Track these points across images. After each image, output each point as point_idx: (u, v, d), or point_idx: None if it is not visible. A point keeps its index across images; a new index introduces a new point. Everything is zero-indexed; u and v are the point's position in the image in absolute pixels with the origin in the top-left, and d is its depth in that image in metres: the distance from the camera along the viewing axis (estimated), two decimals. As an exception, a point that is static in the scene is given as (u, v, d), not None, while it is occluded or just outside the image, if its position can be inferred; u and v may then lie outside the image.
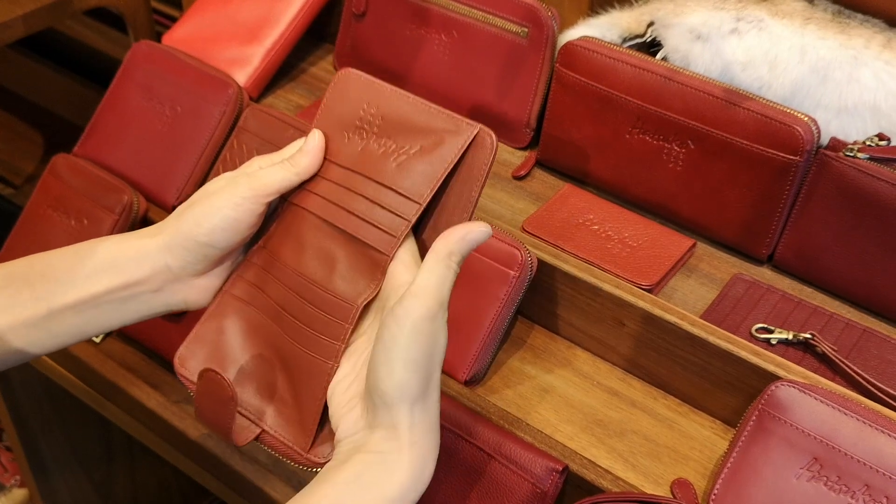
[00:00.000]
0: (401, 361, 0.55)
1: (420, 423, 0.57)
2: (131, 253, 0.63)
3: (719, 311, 0.83)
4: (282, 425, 0.62)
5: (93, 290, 0.63)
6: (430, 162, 0.60)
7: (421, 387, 0.56)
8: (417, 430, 0.57)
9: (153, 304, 0.64)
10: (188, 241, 0.62)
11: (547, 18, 0.94)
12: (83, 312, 0.63)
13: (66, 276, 0.63)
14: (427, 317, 0.55)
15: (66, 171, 0.98)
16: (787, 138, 0.82)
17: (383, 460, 0.56)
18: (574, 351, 0.85)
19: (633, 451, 0.77)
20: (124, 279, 0.63)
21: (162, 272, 0.63)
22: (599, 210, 0.92)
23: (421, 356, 0.55)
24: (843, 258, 0.83)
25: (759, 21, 0.87)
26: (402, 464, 0.56)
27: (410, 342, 0.55)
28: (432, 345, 0.56)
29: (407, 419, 0.56)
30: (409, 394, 0.56)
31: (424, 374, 0.56)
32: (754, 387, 0.75)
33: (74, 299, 0.63)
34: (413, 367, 0.55)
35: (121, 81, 1.03)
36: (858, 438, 0.68)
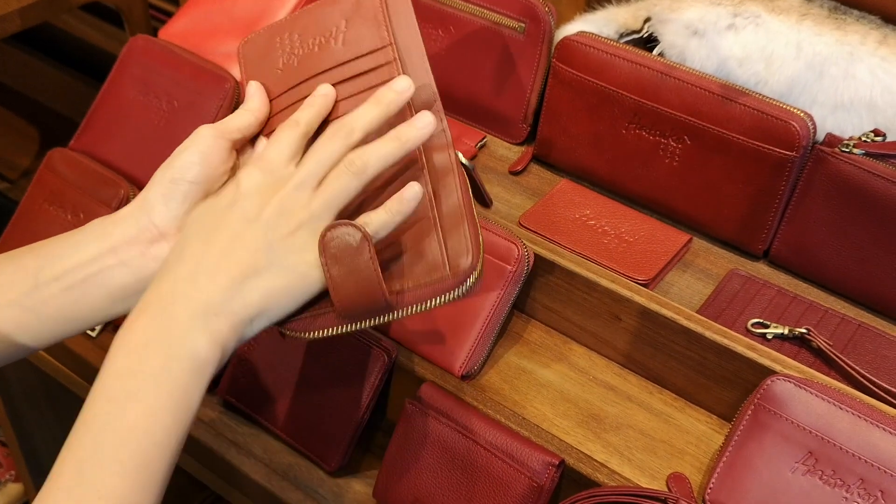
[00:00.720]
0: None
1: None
2: (115, 218, 0.64)
3: (715, 306, 0.84)
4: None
5: (79, 258, 0.63)
6: (365, 19, 0.64)
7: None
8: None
9: (141, 270, 0.63)
10: (163, 187, 0.64)
11: (544, 14, 0.94)
12: (71, 289, 0.62)
13: (55, 250, 0.64)
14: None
15: (62, 165, 0.98)
16: (783, 134, 0.82)
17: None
18: (570, 346, 0.86)
19: (628, 445, 0.77)
20: (110, 243, 0.63)
21: (147, 229, 0.63)
22: (596, 205, 0.92)
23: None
24: (838, 254, 0.84)
25: (756, 17, 0.88)
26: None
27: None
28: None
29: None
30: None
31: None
32: (750, 381, 0.75)
33: (61, 269, 0.62)
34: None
35: (117, 76, 1.03)
36: (853, 433, 0.68)
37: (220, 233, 0.60)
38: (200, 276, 0.58)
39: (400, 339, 0.83)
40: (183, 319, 0.56)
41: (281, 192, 0.60)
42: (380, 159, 0.61)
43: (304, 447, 0.82)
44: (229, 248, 0.59)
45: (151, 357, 0.55)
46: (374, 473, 0.80)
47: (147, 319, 0.57)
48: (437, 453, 0.75)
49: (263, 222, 0.60)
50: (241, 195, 0.61)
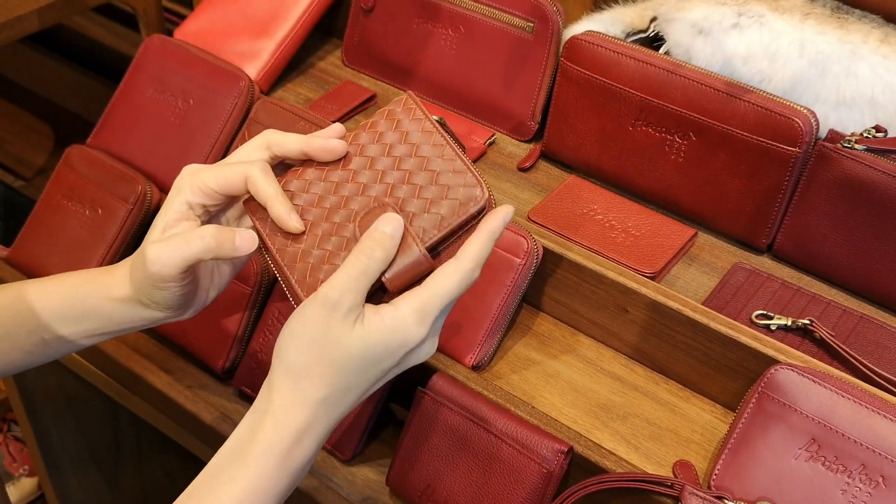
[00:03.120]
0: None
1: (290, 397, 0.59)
2: (114, 307, 0.67)
3: (720, 298, 0.85)
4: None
5: (82, 329, 0.68)
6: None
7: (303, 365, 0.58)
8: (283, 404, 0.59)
9: (148, 322, 0.68)
10: (147, 287, 0.65)
11: (552, 14, 0.96)
12: (76, 340, 0.69)
13: (56, 316, 0.68)
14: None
15: (80, 162, 1.00)
16: (786, 130, 0.84)
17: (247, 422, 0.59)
18: (578, 337, 0.87)
19: (635, 433, 0.79)
20: (107, 325, 0.68)
21: (142, 316, 0.67)
22: (603, 200, 0.94)
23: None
24: (840, 247, 0.85)
25: (760, 16, 0.89)
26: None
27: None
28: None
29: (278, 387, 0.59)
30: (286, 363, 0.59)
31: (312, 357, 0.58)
32: (754, 371, 0.77)
33: (67, 333, 0.68)
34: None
35: (133, 74, 1.05)
36: (855, 420, 0.70)
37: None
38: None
39: (412, 331, 0.84)
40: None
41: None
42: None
43: (319, 436, 0.84)
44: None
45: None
46: (388, 462, 0.82)
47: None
48: (448, 441, 0.77)
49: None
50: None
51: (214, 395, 0.89)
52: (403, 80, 1.09)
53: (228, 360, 0.89)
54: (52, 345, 0.69)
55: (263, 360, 0.87)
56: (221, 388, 0.90)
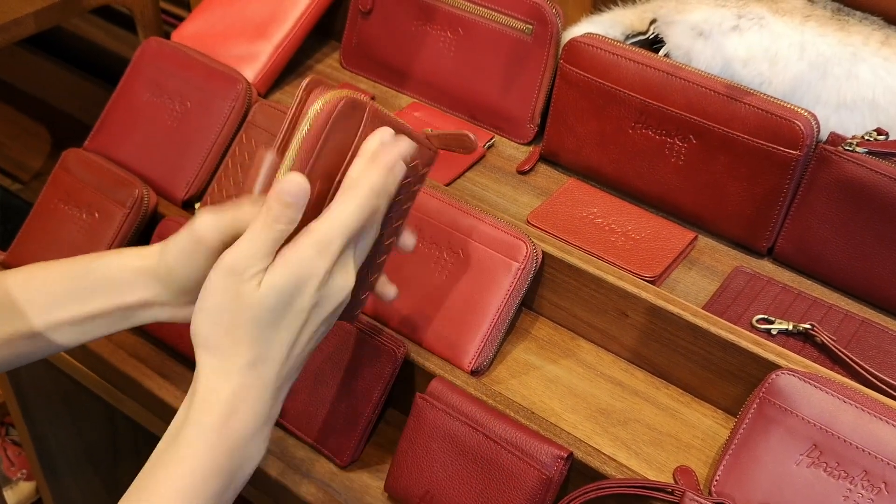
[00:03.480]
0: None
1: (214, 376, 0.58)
2: (126, 276, 0.66)
3: (721, 302, 0.85)
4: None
5: (87, 311, 0.66)
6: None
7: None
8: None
9: (149, 317, 0.67)
10: (170, 281, 0.65)
11: (551, 16, 0.96)
12: (79, 326, 0.67)
13: (63, 297, 0.66)
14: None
15: (76, 166, 1.00)
16: (787, 133, 0.83)
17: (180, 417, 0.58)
18: (578, 342, 0.87)
19: (636, 439, 0.79)
20: (117, 302, 0.66)
21: (153, 298, 0.66)
22: (603, 204, 0.94)
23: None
24: (841, 251, 0.85)
25: (760, 18, 0.89)
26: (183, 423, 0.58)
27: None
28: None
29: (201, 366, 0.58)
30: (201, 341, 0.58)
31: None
32: (755, 376, 0.76)
33: (71, 316, 0.66)
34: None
35: (130, 77, 1.05)
36: (857, 425, 0.70)
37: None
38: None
39: (410, 336, 0.84)
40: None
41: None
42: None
43: (317, 442, 0.84)
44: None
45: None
46: (386, 467, 0.82)
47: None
48: (447, 447, 0.77)
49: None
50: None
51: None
52: (401, 83, 1.09)
53: (226, 365, 0.89)
54: (58, 332, 0.67)
55: (261, 364, 0.86)
56: (219, 393, 0.90)
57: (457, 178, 0.98)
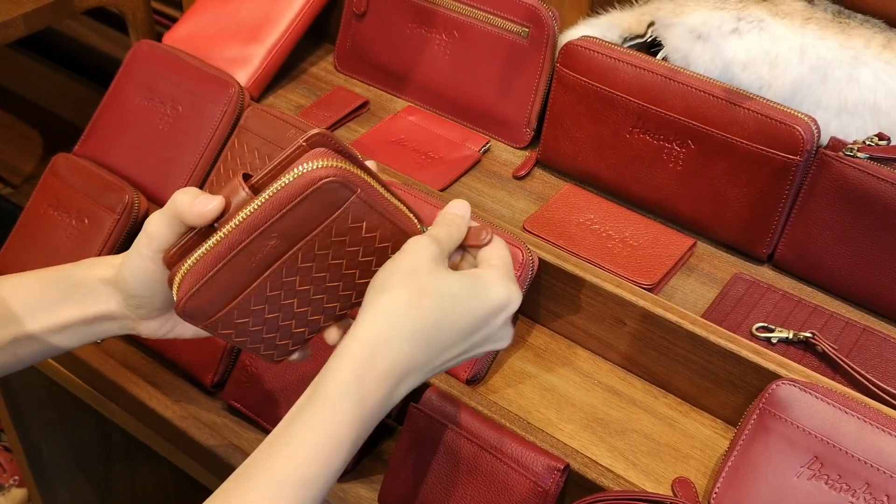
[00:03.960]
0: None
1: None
2: (92, 285, 0.65)
3: (720, 310, 0.84)
4: None
5: (55, 321, 0.65)
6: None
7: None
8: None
9: (112, 329, 0.67)
10: (126, 293, 0.64)
11: (548, 18, 0.95)
12: (47, 338, 0.66)
13: (35, 306, 0.65)
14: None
15: (66, 171, 0.98)
16: (787, 138, 0.82)
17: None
18: (575, 350, 0.86)
19: (633, 449, 0.77)
20: (82, 312, 0.65)
21: (115, 310, 0.65)
22: (600, 209, 0.92)
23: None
24: (843, 257, 0.84)
25: (760, 21, 0.88)
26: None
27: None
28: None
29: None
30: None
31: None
32: (755, 385, 0.75)
33: (39, 328, 0.65)
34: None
35: (121, 81, 1.03)
36: (859, 437, 0.68)
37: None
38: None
39: (404, 344, 0.83)
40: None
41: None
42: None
43: (309, 452, 0.82)
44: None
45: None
46: (380, 478, 0.80)
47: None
48: (441, 458, 0.75)
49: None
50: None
51: (203, 410, 0.87)
52: (396, 86, 1.08)
53: (218, 375, 0.87)
54: (23, 345, 0.66)
55: (254, 373, 0.85)
56: (210, 402, 0.88)
57: (452, 183, 0.97)
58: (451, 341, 0.58)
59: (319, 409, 0.55)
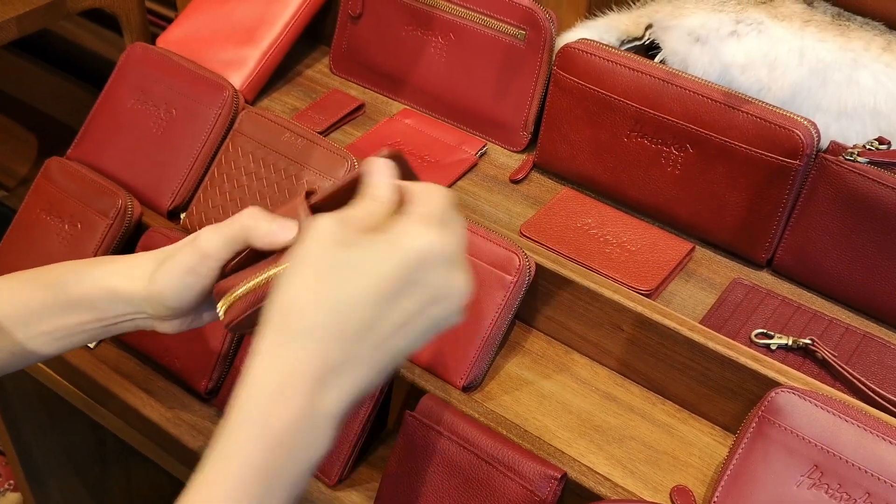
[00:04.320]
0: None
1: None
2: (108, 296, 0.64)
3: (718, 315, 0.83)
4: None
5: (66, 323, 0.65)
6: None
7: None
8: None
9: (125, 328, 0.66)
10: (158, 304, 0.63)
11: (545, 21, 0.94)
12: (59, 338, 0.65)
13: (41, 310, 0.65)
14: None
15: (59, 175, 0.97)
16: (786, 142, 0.81)
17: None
18: (572, 356, 0.85)
19: (631, 457, 0.76)
20: (98, 316, 0.65)
21: (138, 313, 0.65)
22: (598, 214, 0.92)
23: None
24: (843, 263, 0.83)
25: (759, 23, 0.87)
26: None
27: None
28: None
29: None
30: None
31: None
32: (754, 393, 0.74)
33: (51, 328, 0.65)
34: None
35: (115, 84, 1.03)
36: (859, 445, 0.68)
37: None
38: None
39: (400, 351, 0.82)
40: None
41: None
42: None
43: (304, 460, 0.81)
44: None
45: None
46: (375, 486, 0.79)
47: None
48: (437, 466, 0.75)
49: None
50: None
51: (197, 417, 0.87)
52: (393, 89, 1.07)
53: (212, 381, 0.87)
54: (22, 349, 0.65)
55: (247, 380, 0.84)
56: (204, 409, 0.87)
57: (448, 186, 0.96)
58: (370, 319, 0.48)
59: (223, 441, 0.48)
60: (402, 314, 0.49)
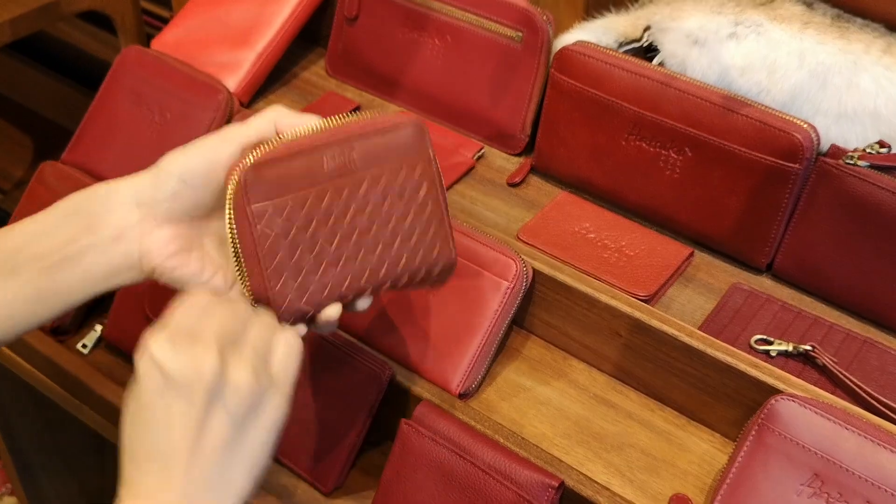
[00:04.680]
0: None
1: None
2: (101, 191, 0.63)
3: (718, 321, 0.82)
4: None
5: (59, 239, 0.61)
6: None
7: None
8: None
9: (112, 255, 0.62)
10: (161, 173, 0.62)
11: (542, 23, 0.93)
12: (49, 269, 0.61)
13: (34, 227, 0.62)
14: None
15: (53, 179, 0.97)
16: (786, 146, 0.80)
17: None
18: (570, 362, 0.84)
19: (630, 465, 0.76)
20: (88, 222, 0.62)
21: (128, 212, 0.62)
22: (596, 218, 0.91)
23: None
24: (843, 267, 0.82)
25: (758, 25, 0.86)
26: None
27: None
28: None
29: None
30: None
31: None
32: (754, 399, 0.74)
33: (40, 250, 0.61)
34: None
35: (109, 87, 1.02)
36: (859, 454, 0.67)
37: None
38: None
39: (396, 358, 0.81)
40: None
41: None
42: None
43: (300, 468, 0.81)
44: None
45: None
46: (371, 494, 0.79)
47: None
48: (433, 475, 0.74)
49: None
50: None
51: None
52: (389, 91, 1.06)
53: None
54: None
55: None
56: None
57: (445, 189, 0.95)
58: (170, 449, 0.53)
59: None
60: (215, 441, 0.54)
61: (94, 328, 0.94)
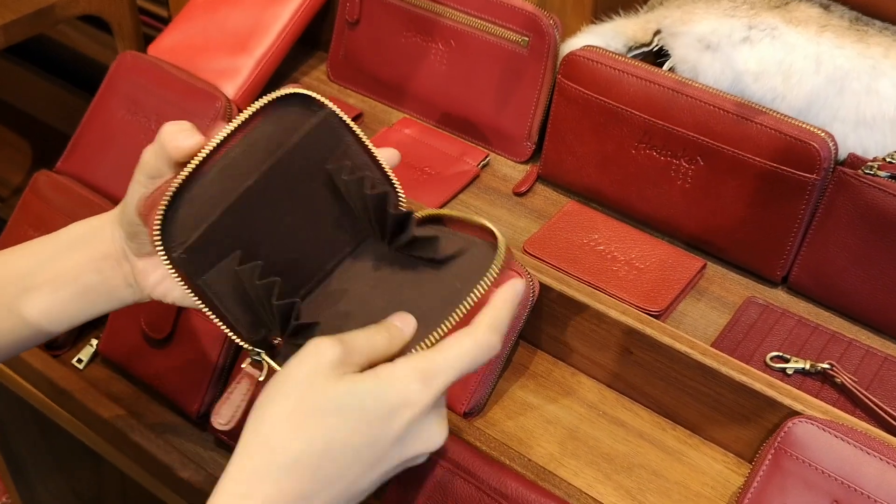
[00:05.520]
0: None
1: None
2: (94, 223, 0.65)
3: (731, 337, 0.79)
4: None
5: (58, 269, 0.64)
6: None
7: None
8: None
9: (113, 281, 0.64)
10: (125, 215, 0.63)
11: (548, 27, 0.90)
12: (49, 296, 0.64)
13: (32, 265, 0.65)
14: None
15: (47, 189, 0.94)
16: (802, 155, 0.77)
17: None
18: (579, 378, 0.81)
19: (641, 487, 0.73)
20: (90, 253, 0.64)
21: (118, 243, 0.64)
22: (605, 229, 0.88)
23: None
24: (862, 281, 0.79)
25: (773, 29, 0.83)
26: None
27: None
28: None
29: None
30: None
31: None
32: (769, 420, 0.71)
33: (42, 280, 0.64)
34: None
35: (105, 94, 0.99)
36: (882, 480, 0.64)
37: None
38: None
39: (398, 375, 0.78)
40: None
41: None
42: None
43: None
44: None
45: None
46: (372, 516, 0.76)
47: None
48: (436, 499, 0.71)
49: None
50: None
51: (189, 442, 0.83)
52: (392, 97, 1.03)
53: (204, 405, 0.84)
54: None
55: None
56: (198, 435, 0.84)
57: (449, 200, 0.93)
58: (344, 466, 0.51)
59: None
60: (380, 473, 0.53)
61: (89, 343, 0.92)
